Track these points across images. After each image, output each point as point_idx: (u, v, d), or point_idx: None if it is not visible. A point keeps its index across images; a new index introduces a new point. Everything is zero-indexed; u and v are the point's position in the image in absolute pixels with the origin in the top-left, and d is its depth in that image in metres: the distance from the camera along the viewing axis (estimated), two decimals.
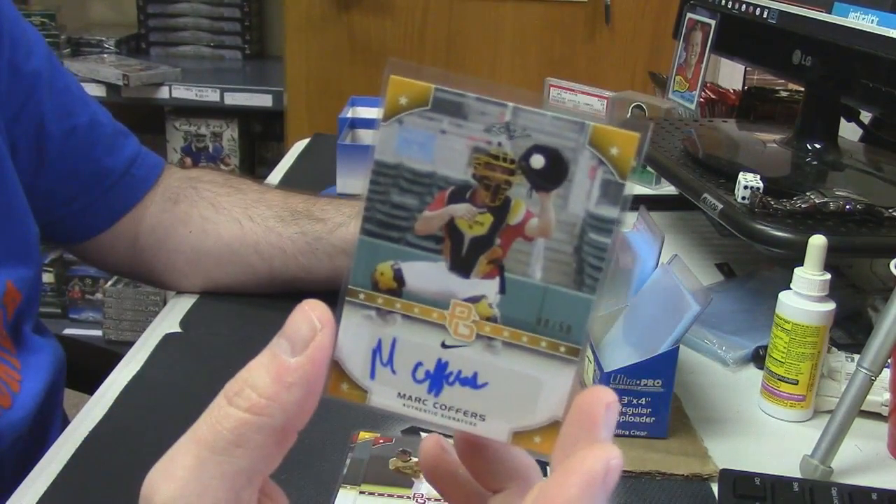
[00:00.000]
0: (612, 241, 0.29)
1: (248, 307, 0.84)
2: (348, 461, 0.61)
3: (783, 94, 1.29)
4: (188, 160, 2.42)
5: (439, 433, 0.34)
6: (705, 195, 0.86)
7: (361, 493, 0.58)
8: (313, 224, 0.83)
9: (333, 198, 0.90)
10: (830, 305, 0.70)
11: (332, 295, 0.31)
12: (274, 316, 0.89)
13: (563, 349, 0.30)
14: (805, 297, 0.70)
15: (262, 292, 0.85)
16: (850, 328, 0.84)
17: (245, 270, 0.84)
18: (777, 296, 0.72)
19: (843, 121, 1.01)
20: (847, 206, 0.80)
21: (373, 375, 0.31)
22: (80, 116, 0.81)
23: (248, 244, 0.83)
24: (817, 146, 0.97)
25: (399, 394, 0.31)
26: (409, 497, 0.58)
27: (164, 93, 2.27)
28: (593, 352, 0.69)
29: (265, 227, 0.83)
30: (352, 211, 0.84)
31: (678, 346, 0.65)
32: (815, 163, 0.97)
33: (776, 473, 0.62)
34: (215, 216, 0.85)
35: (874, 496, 0.59)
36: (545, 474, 0.30)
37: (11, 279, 0.74)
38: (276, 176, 1.28)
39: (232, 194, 0.86)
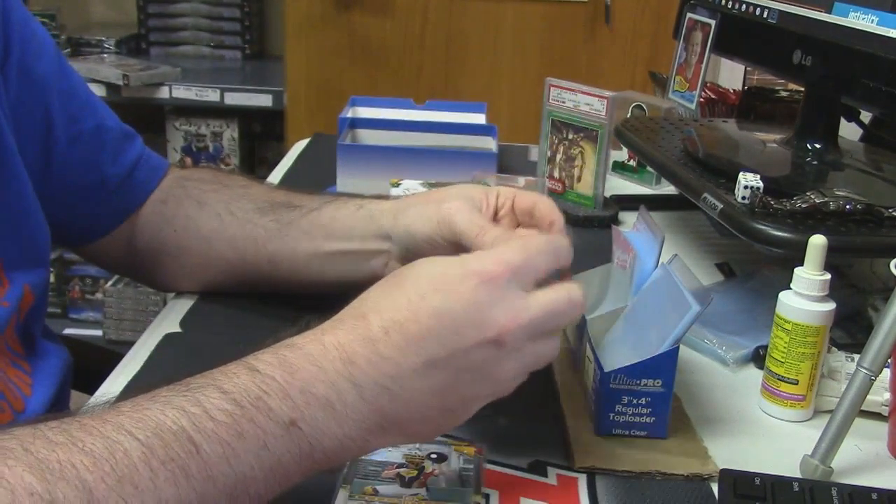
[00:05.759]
0: None
1: (248, 307, 0.84)
2: (348, 461, 0.61)
3: (783, 94, 1.29)
4: (188, 160, 2.42)
5: None
6: (705, 195, 0.86)
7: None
8: (289, 212, 0.81)
9: (322, 193, 0.89)
10: (830, 305, 0.70)
11: (294, 299, 0.31)
12: (273, 316, 0.89)
13: None
14: (805, 297, 0.70)
15: (241, 289, 0.84)
16: (850, 328, 0.84)
17: (222, 265, 0.83)
18: (777, 296, 0.72)
19: (843, 121, 1.01)
20: (847, 206, 0.80)
21: None
22: (86, 122, 0.81)
23: (225, 238, 0.82)
24: (817, 146, 0.97)
25: None
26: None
27: (164, 93, 2.26)
28: (593, 352, 0.69)
29: (244, 220, 0.82)
30: (330, 197, 0.82)
31: (678, 346, 0.65)
32: (815, 163, 0.97)
33: (776, 473, 0.62)
34: (198, 213, 0.84)
35: (874, 496, 0.59)
36: None
37: (28, 283, 0.73)
38: (276, 176, 1.28)
39: (218, 190, 0.85)
